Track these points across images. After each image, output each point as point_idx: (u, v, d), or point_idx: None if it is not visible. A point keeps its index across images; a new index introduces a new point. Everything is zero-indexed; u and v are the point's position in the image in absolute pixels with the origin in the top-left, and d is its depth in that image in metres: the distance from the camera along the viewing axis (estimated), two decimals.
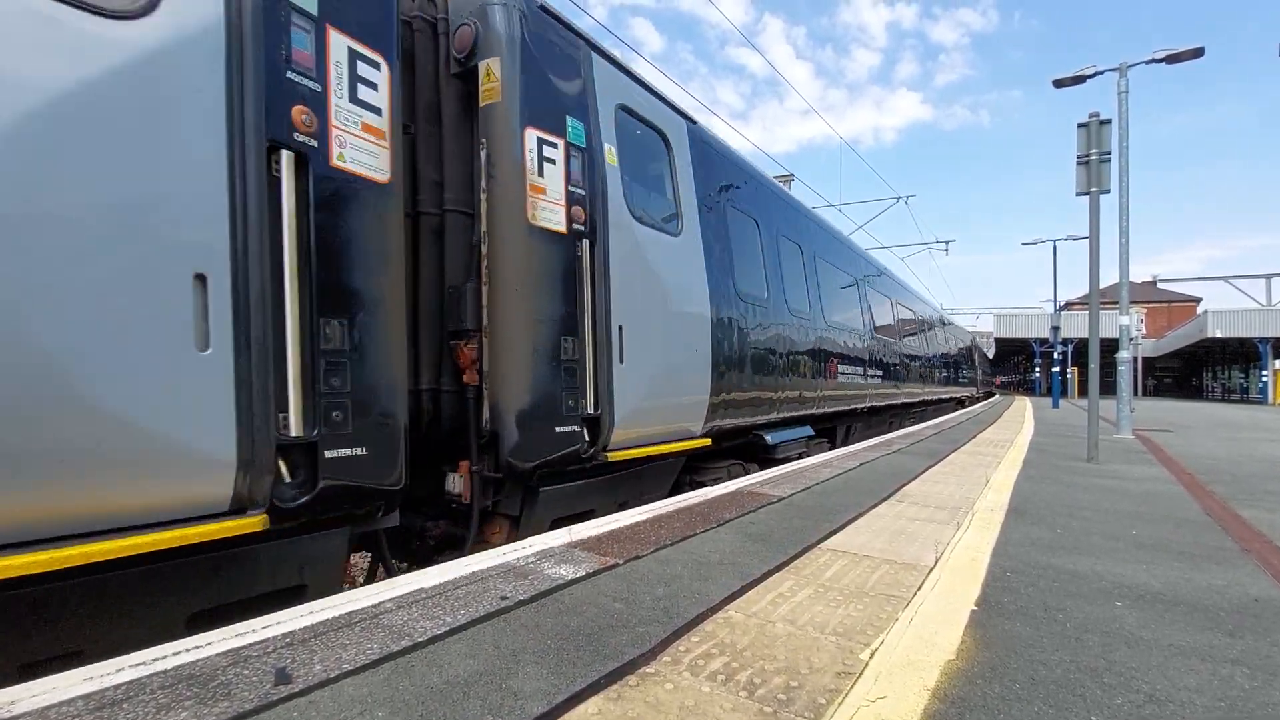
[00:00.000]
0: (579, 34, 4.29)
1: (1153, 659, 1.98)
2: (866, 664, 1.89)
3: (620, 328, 4.29)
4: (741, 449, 6.63)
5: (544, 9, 4.00)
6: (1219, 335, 34.67)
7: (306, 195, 2.54)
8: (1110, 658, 1.98)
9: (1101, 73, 11.29)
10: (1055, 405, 24.17)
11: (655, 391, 4.67)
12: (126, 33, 2.06)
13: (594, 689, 1.70)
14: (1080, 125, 7.29)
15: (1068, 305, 46.88)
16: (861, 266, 11.31)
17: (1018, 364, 73.47)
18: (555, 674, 1.76)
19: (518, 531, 3.90)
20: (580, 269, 4.01)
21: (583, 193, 4.09)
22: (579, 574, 2.63)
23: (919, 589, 2.59)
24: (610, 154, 4.38)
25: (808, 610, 2.32)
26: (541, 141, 3.82)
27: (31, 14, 1.87)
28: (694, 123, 5.70)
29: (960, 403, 26.99)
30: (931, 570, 2.84)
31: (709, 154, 5.94)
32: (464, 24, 3.75)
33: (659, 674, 1.79)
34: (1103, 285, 7.28)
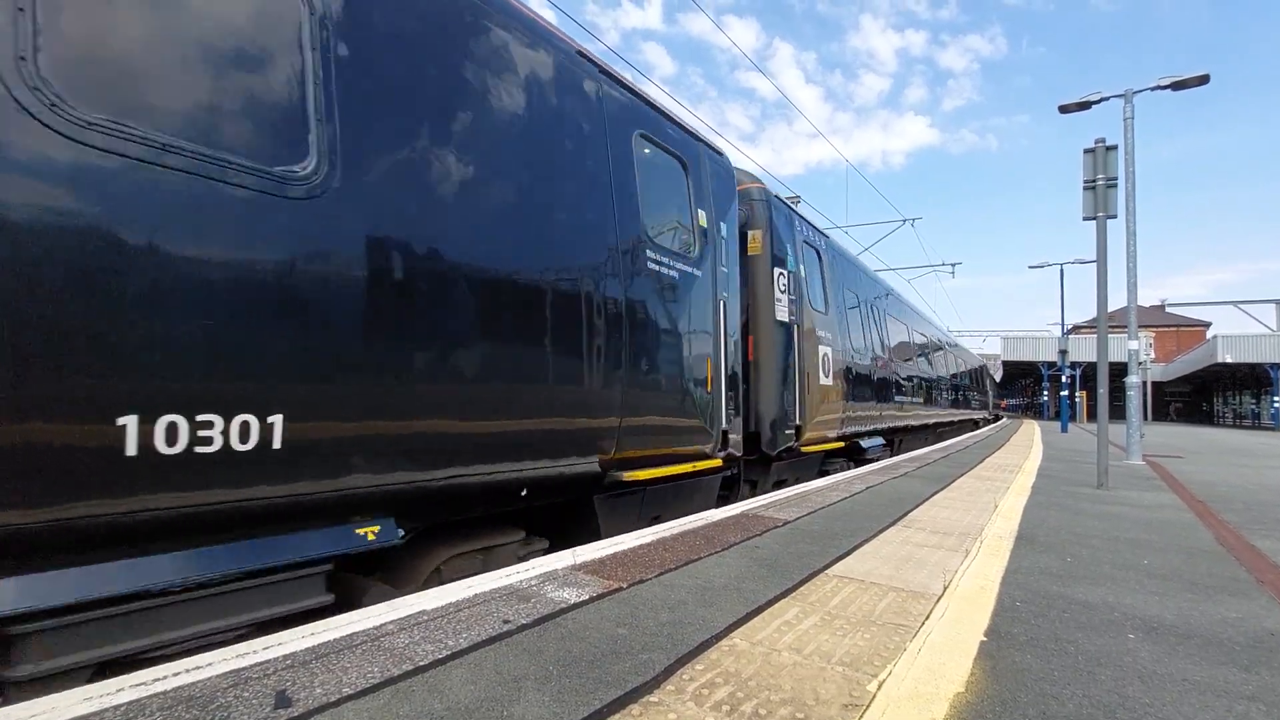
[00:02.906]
0: (793, 209, 7.56)
1: (1166, 694, 1.94)
2: (874, 696, 1.86)
3: (807, 373, 7.11)
4: (848, 451, 9.07)
5: (778, 197, 7.18)
6: (1229, 360, 34.41)
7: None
8: (1123, 693, 1.94)
9: (1107, 99, 11.37)
10: (1064, 429, 23.96)
11: (819, 410, 7.50)
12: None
13: (597, 718, 1.67)
14: (1086, 151, 7.33)
15: (1075, 329, 46.72)
16: (925, 327, 15.21)
17: (1025, 387, 73.05)
18: (557, 702, 1.74)
19: (755, 490, 6.64)
20: (793, 341, 6.83)
21: (793, 297, 6.92)
22: (582, 598, 2.61)
23: (927, 618, 2.55)
24: (801, 270, 7.31)
25: (814, 639, 2.28)
26: (778, 273, 6.66)
27: None
28: (826, 236, 8.92)
29: (976, 424, 26.58)
30: (940, 599, 2.81)
31: (834, 253, 9.04)
32: (741, 207, 6.32)
33: (663, 703, 1.76)
34: (1111, 308, 7.25)
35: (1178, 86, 11.20)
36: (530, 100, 3.51)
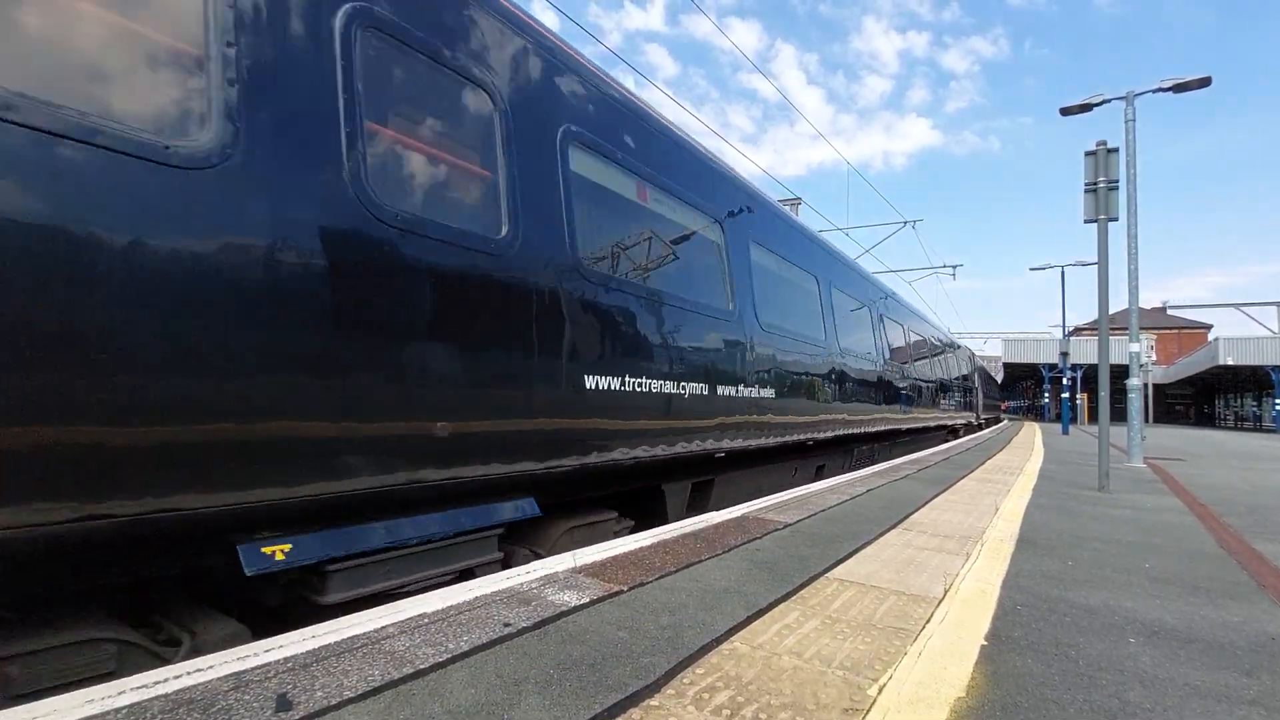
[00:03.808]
0: None
1: (1168, 699, 1.93)
2: (874, 700, 1.86)
3: None
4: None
5: None
6: (1230, 363, 34.35)
7: None
8: (1124, 698, 1.93)
9: (1108, 101, 11.37)
10: (1064, 432, 23.93)
11: None
12: None
13: None
14: (1088, 153, 7.33)
15: (1076, 331, 46.72)
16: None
17: (1027, 389, 73.01)
18: (557, 705, 1.74)
19: None
20: None
21: None
22: (583, 601, 2.61)
23: (928, 622, 2.55)
24: None
25: (815, 642, 2.28)
26: None
27: None
28: None
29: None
30: (940, 602, 2.80)
31: None
32: None
33: (663, 707, 1.76)
34: (1112, 311, 7.24)
35: (1179, 89, 11.20)
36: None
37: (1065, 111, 11.71)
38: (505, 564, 3.51)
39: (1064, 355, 26.35)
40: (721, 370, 5.58)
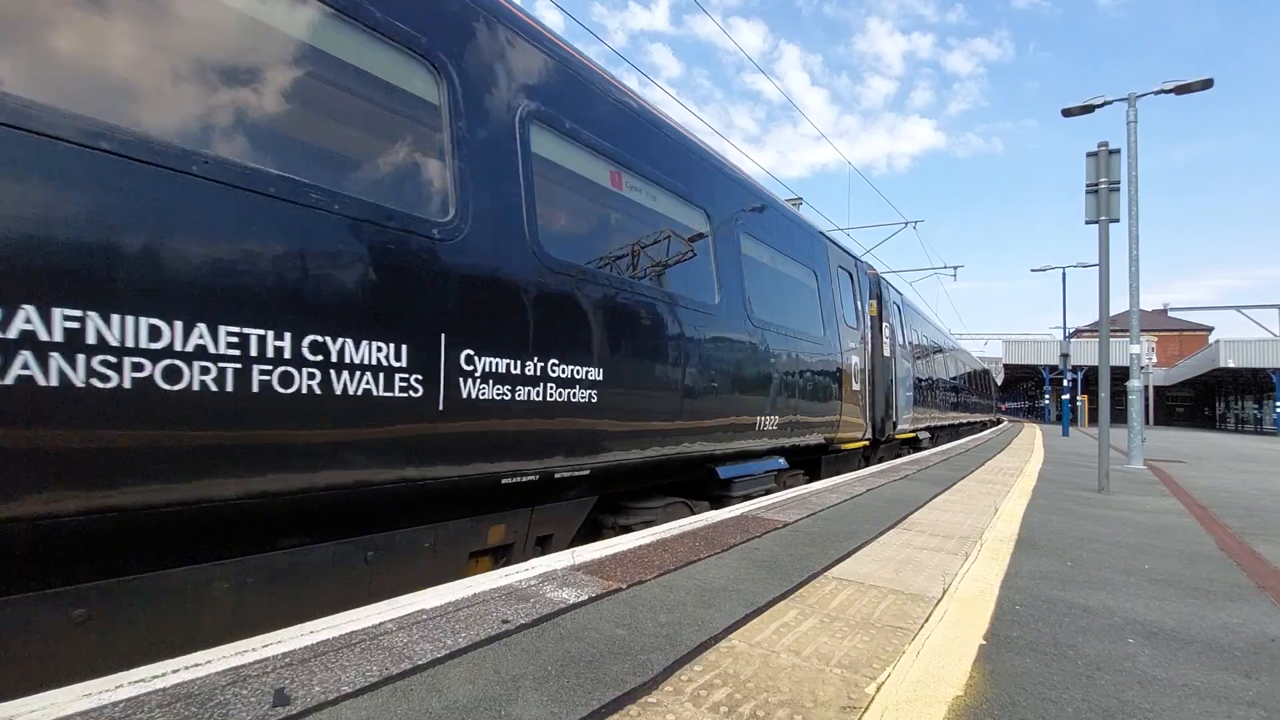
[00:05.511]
0: None
1: (1166, 700, 1.93)
2: (872, 698, 1.86)
3: None
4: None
5: None
6: (1231, 365, 34.34)
7: None
8: (1123, 698, 1.93)
9: (1110, 103, 11.36)
10: (1065, 433, 23.92)
11: None
12: None
13: (595, 719, 1.67)
14: (1089, 155, 7.33)
15: (1077, 332, 46.72)
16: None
17: (1027, 390, 72.97)
18: (555, 702, 1.74)
19: None
20: None
21: None
22: (581, 598, 2.60)
23: (926, 621, 2.55)
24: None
25: (813, 641, 2.28)
26: None
27: None
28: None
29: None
30: (939, 602, 2.80)
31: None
32: None
33: (660, 704, 1.76)
34: (1113, 313, 7.23)
35: (1180, 90, 11.19)
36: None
37: (1067, 113, 11.70)
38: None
39: (1064, 357, 26.32)
40: None
